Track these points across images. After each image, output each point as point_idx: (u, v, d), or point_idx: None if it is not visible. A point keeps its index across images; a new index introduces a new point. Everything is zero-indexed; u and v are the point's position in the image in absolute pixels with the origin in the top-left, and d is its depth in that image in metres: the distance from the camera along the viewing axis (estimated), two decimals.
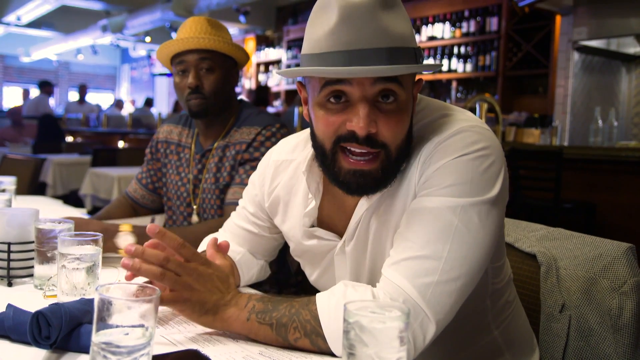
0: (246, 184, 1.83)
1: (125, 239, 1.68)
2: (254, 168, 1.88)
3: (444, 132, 1.13)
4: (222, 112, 2.11)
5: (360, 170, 1.12)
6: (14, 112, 9.19)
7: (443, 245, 1.06)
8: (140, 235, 1.68)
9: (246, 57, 2.14)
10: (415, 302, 1.04)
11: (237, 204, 1.83)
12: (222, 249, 1.36)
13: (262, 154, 1.89)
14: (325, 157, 1.15)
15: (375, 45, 1.03)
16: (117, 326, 0.84)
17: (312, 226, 1.33)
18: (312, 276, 1.44)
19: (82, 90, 12.73)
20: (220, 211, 2.06)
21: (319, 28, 1.08)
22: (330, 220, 1.32)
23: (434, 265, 1.05)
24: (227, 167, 2.07)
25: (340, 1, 1.04)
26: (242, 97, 10.10)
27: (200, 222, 2.09)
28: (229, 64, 2.10)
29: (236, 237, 1.53)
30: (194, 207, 2.14)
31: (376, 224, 1.22)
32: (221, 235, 1.57)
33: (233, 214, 1.57)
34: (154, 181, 2.30)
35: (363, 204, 1.22)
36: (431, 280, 1.05)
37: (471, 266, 1.08)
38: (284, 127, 2.08)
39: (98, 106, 11.17)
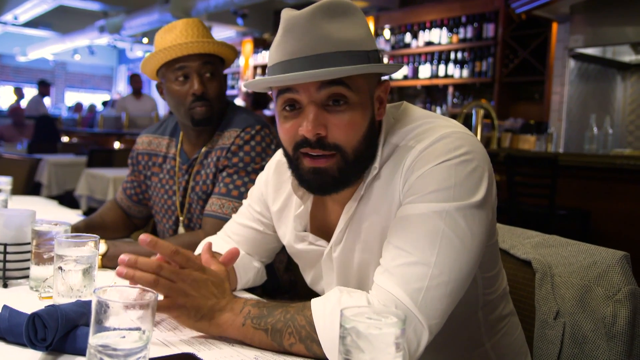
0: (224, 194, 1.82)
1: None
2: (230, 175, 1.87)
3: (427, 139, 1.15)
4: (221, 118, 2.02)
5: (318, 169, 1.15)
6: (16, 112, 9.16)
7: (431, 250, 1.07)
8: None
9: (234, 60, 2.05)
10: (407, 307, 1.05)
11: (216, 217, 1.82)
12: (232, 256, 1.32)
13: (241, 159, 1.87)
14: (291, 162, 1.20)
15: (316, 52, 1.08)
16: (114, 329, 0.85)
17: (305, 231, 1.35)
18: (308, 279, 1.45)
19: (137, 82, 10.17)
20: None
21: (273, 43, 1.15)
22: (321, 226, 1.34)
23: (423, 270, 1.06)
24: (209, 175, 1.97)
25: (284, 15, 1.12)
26: (239, 99, 10.07)
27: (177, 235, 1.96)
28: (223, 68, 2.02)
29: (236, 237, 1.53)
30: (181, 219, 2.05)
31: (362, 230, 1.24)
32: (219, 237, 1.57)
33: (234, 215, 1.57)
34: (138, 193, 2.20)
35: (348, 210, 1.24)
36: (421, 285, 1.06)
37: (460, 270, 1.08)
38: (265, 128, 1.95)
39: (155, 102, 10.24)
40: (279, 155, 1.45)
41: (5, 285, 1.40)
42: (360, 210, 1.23)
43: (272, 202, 1.46)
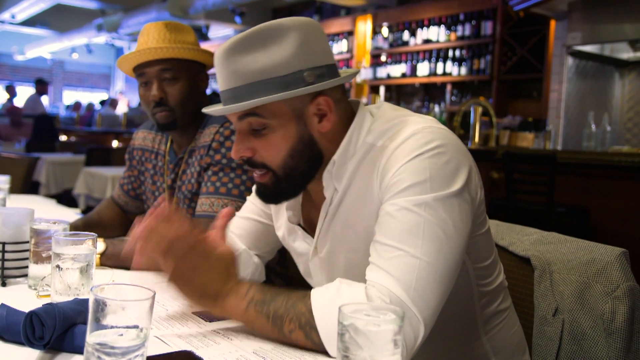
0: (212, 192, 1.82)
1: None
2: (216, 173, 1.86)
3: (399, 137, 1.18)
4: (194, 121, 1.98)
5: (258, 183, 1.28)
6: (13, 111, 9.15)
7: (415, 242, 1.09)
8: None
9: (211, 58, 1.97)
10: (401, 300, 1.05)
11: (208, 217, 1.81)
12: (227, 216, 1.32)
13: (224, 156, 1.86)
14: None
15: (231, 86, 1.19)
16: (111, 327, 0.84)
17: (299, 224, 1.39)
18: (301, 271, 1.48)
19: None
20: None
21: None
22: (311, 223, 1.37)
23: (411, 261, 1.08)
24: (193, 174, 1.95)
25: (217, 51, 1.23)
26: None
27: None
28: (194, 69, 1.96)
29: (238, 230, 1.55)
30: None
31: (344, 231, 1.26)
32: None
33: (237, 212, 1.59)
34: (135, 187, 2.21)
35: (324, 211, 1.29)
36: (411, 277, 1.07)
37: (447, 258, 1.10)
38: None
39: None
40: None
41: (4, 284, 1.40)
42: (340, 211, 1.27)
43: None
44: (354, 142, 1.24)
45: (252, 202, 1.56)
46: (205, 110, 1.27)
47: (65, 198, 6.12)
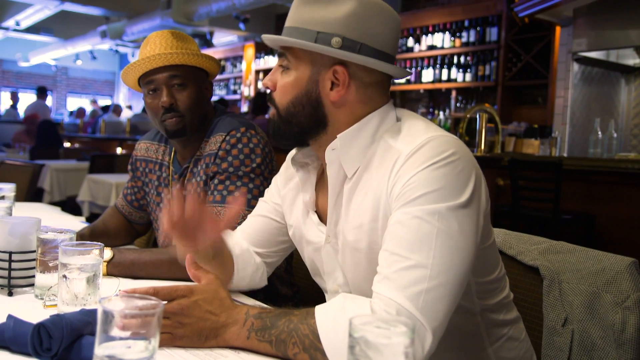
0: (219, 201, 1.81)
1: None
2: (222, 182, 1.86)
3: (413, 143, 1.19)
4: (199, 129, 1.98)
5: (268, 119, 1.39)
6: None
7: (427, 252, 1.08)
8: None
9: (217, 67, 2.00)
10: (409, 312, 1.05)
11: None
12: (235, 216, 1.33)
13: (230, 164, 1.85)
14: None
15: (287, 25, 1.30)
16: (120, 338, 0.84)
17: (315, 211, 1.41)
18: (309, 267, 1.49)
19: None
20: None
21: None
22: (325, 215, 1.38)
23: (421, 273, 1.07)
24: (200, 183, 1.94)
25: None
26: (245, 109, 9.96)
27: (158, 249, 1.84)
28: (200, 77, 1.97)
29: (245, 227, 1.57)
30: None
31: (352, 220, 1.28)
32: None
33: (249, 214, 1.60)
34: (139, 198, 2.19)
35: (331, 197, 1.32)
36: (421, 288, 1.06)
37: (457, 269, 1.10)
38: (250, 129, 1.90)
39: None
40: (293, 152, 1.48)
41: (10, 294, 1.40)
42: (352, 200, 1.28)
43: (283, 188, 1.51)
44: (369, 132, 1.26)
45: (264, 200, 1.58)
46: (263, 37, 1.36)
47: (69, 205, 6.12)
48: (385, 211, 1.20)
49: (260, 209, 1.57)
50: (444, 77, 8.37)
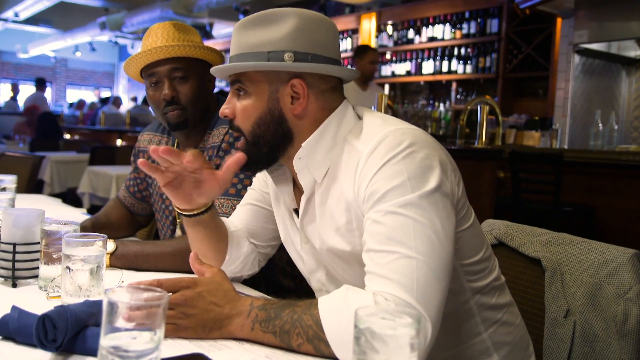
0: (233, 194, 1.81)
1: None
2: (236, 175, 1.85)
3: (371, 141, 1.21)
4: (201, 122, 1.98)
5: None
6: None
7: (408, 242, 1.10)
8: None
9: (220, 58, 1.98)
10: (407, 302, 1.05)
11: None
12: (237, 160, 1.37)
13: None
14: None
15: (232, 53, 1.34)
16: (125, 329, 0.84)
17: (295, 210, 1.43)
18: (299, 267, 1.51)
19: None
20: None
21: None
22: None
23: (408, 263, 1.08)
24: None
25: None
26: None
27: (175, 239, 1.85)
28: (202, 69, 1.94)
29: (235, 217, 1.59)
30: (178, 220, 2.02)
31: (324, 223, 1.31)
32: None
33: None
34: (141, 189, 2.19)
35: (303, 200, 1.34)
36: (411, 277, 1.07)
37: (441, 254, 1.11)
38: None
39: None
40: None
41: (14, 285, 1.40)
42: (322, 203, 1.31)
43: (269, 177, 1.51)
44: (330, 135, 1.29)
45: (252, 188, 1.60)
46: (212, 68, 1.39)
47: (70, 197, 6.13)
48: (357, 212, 1.23)
49: (248, 196, 1.60)
50: (445, 69, 8.36)
